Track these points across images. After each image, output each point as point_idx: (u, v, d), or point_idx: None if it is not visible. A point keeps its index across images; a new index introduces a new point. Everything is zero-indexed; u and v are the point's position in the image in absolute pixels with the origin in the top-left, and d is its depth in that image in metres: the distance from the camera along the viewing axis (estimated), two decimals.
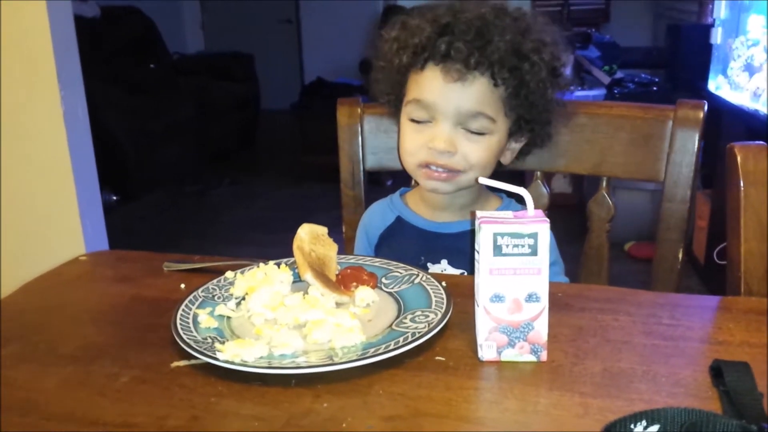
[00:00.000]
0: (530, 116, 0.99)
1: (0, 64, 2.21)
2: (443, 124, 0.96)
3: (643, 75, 3.99)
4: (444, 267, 1.04)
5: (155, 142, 4.43)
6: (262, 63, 5.83)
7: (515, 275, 0.67)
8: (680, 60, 4.08)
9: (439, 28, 0.95)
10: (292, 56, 6.58)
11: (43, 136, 2.28)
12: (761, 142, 0.88)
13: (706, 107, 1.07)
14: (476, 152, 0.97)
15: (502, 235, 0.67)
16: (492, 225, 0.67)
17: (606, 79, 3.86)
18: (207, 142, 4.91)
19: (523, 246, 0.67)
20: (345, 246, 1.23)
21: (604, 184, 1.14)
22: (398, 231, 1.09)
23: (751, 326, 0.75)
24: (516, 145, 1.05)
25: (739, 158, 0.85)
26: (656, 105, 1.11)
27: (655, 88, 3.74)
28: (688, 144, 1.06)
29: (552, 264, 1.03)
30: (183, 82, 5.02)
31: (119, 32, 4.91)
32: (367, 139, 1.22)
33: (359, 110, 1.21)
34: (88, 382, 0.67)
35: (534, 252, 0.67)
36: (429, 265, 1.04)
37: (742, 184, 0.84)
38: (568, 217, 1.22)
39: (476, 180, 0.99)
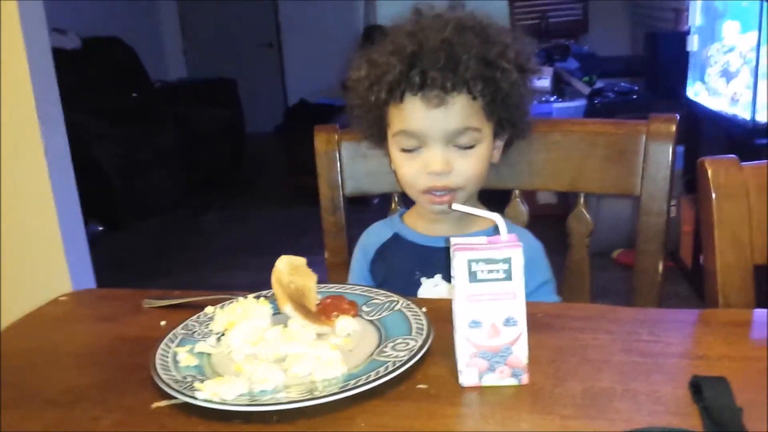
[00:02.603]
0: (510, 115, 1.01)
1: None
2: (434, 148, 0.98)
3: (622, 84, 4.04)
4: (437, 282, 1.04)
5: (141, 170, 4.43)
6: (245, 87, 5.85)
7: (491, 300, 0.68)
8: (658, 68, 4.13)
9: (407, 59, 0.95)
10: (275, 79, 6.60)
11: (24, 171, 2.27)
12: (732, 156, 0.89)
13: (677, 120, 1.08)
14: (471, 166, 0.99)
15: (477, 261, 0.67)
16: (466, 252, 0.67)
17: (586, 90, 3.90)
18: (193, 168, 4.90)
19: (497, 271, 0.67)
20: (327, 273, 1.23)
21: (582, 200, 1.14)
22: (394, 246, 1.10)
23: (730, 339, 0.75)
24: (500, 143, 1.06)
25: (710, 172, 0.86)
26: (629, 120, 1.12)
27: (634, 97, 3.78)
28: (662, 157, 1.07)
29: (545, 283, 1.05)
30: (166, 109, 5.02)
31: (101, 63, 4.92)
32: (345, 164, 1.22)
33: (336, 137, 1.22)
34: (70, 426, 0.66)
35: (509, 277, 0.67)
36: (423, 279, 1.05)
37: (714, 198, 0.85)
38: (555, 227, 1.23)
39: (475, 191, 1.04)
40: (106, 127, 4.36)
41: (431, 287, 1.03)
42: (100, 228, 4.09)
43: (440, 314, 0.82)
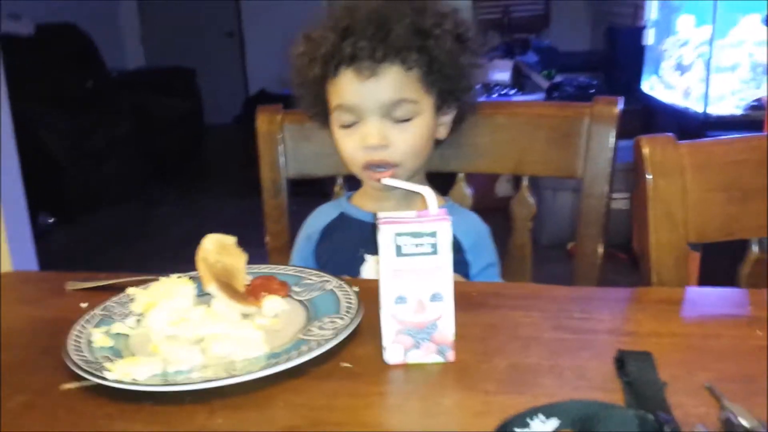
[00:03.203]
0: (450, 87, 1.00)
1: None
2: (370, 121, 0.97)
3: (581, 78, 4.07)
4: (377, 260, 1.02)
5: (94, 161, 4.33)
6: (204, 77, 5.75)
7: (417, 275, 0.66)
8: (616, 62, 4.18)
9: (340, 32, 0.95)
10: (236, 69, 6.51)
11: None
12: (669, 134, 0.88)
13: (621, 103, 1.07)
14: (408, 140, 0.98)
15: (402, 234, 0.65)
16: (392, 225, 0.65)
17: (545, 84, 3.92)
18: (149, 158, 4.81)
19: (423, 245, 0.65)
20: (269, 257, 1.20)
21: (525, 183, 1.14)
22: (339, 225, 1.09)
23: (661, 316, 0.75)
24: (446, 118, 1.04)
25: (646, 150, 0.85)
26: (573, 103, 1.12)
27: (592, 91, 3.81)
28: (605, 140, 1.07)
29: (490, 265, 1.04)
30: (123, 98, 4.91)
31: (55, 50, 4.79)
32: (288, 146, 1.19)
33: (279, 117, 1.19)
34: None
35: (435, 251, 0.65)
36: (367, 256, 1.03)
37: (649, 176, 0.84)
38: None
39: (417, 167, 1.01)
40: (59, 116, 4.25)
41: (375, 264, 1.01)
42: (51, 220, 3.99)
43: (374, 293, 0.80)
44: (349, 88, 0.96)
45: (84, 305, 0.81)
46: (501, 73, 3.74)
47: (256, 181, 1.23)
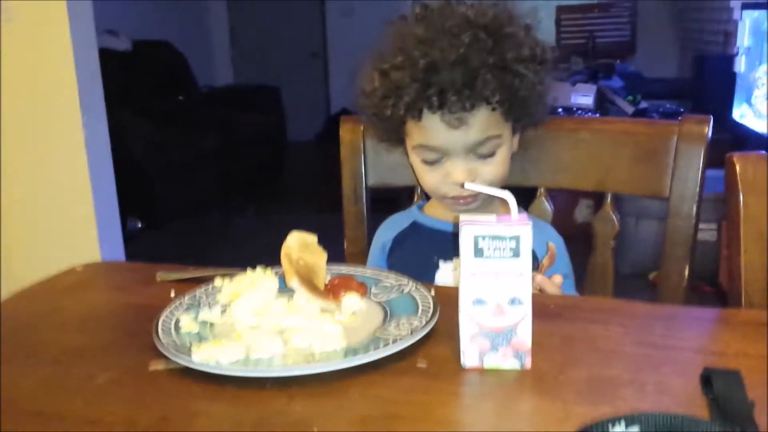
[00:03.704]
0: (530, 113, 1.00)
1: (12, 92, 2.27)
2: (456, 160, 0.97)
3: (668, 105, 3.96)
4: (455, 265, 1.02)
5: (181, 172, 4.49)
6: (289, 95, 5.91)
7: (497, 278, 0.66)
8: (705, 90, 4.05)
9: (421, 74, 0.92)
10: (319, 89, 6.66)
11: (64, 161, 2.33)
12: (761, 152, 0.85)
13: (711, 121, 1.05)
14: (493, 171, 0.98)
15: (483, 237, 0.65)
16: (473, 227, 0.66)
17: (630, 109, 3.84)
18: (232, 173, 4.96)
19: (504, 249, 0.65)
20: (346, 262, 1.22)
21: (609, 200, 1.11)
22: (412, 234, 1.10)
23: (749, 337, 0.72)
24: (518, 135, 1.04)
25: (738, 167, 0.83)
26: (660, 120, 1.10)
27: (679, 119, 3.70)
28: (693, 159, 1.04)
29: (565, 277, 1.02)
30: (210, 113, 5.10)
31: (150, 65, 5.04)
32: (369, 156, 1.21)
33: (362, 127, 1.22)
34: (64, 383, 0.67)
35: (516, 254, 0.65)
36: (441, 263, 1.03)
37: (741, 195, 0.82)
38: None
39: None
40: (151, 128, 4.45)
41: (449, 271, 1.01)
42: (139, 225, 4.17)
43: (452, 300, 0.80)
44: (435, 132, 0.96)
45: (173, 294, 0.85)
46: (584, 97, 3.69)
47: (335, 197, 1.25)
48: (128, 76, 4.60)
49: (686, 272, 1.05)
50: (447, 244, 1.02)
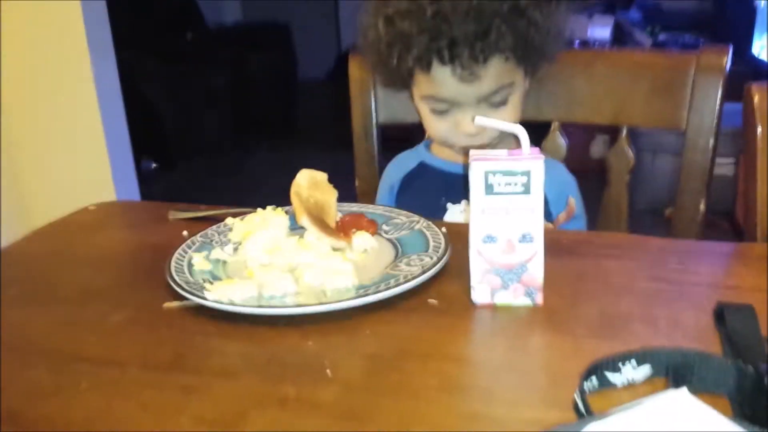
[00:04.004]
0: (543, 54, 0.96)
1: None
2: (466, 111, 0.94)
3: (687, 37, 3.85)
4: (463, 207, 1.02)
5: (192, 112, 4.47)
6: (299, 33, 5.80)
7: (507, 215, 0.65)
8: (725, 22, 3.92)
9: (430, 25, 0.87)
10: (329, 26, 6.53)
11: (75, 104, 2.31)
12: None
13: (731, 52, 1.01)
14: (506, 118, 0.94)
15: (494, 173, 0.64)
16: (483, 162, 0.64)
17: (648, 42, 3.74)
18: (244, 112, 4.93)
19: (516, 184, 0.64)
20: (357, 200, 1.21)
21: (624, 134, 1.09)
22: (420, 175, 1.08)
23: (764, 271, 0.71)
24: (529, 76, 1.00)
25: (756, 98, 0.80)
26: (678, 51, 1.06)
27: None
28: (711, 91, 1.01)
29: (577, 218, 1.01)
30: (220, 52, 5.03)
31: (157, 3, 4.95)
32: (379, 92, 1.19)
33: None
34: (80, 321, 0.67)
35: (527, 190, 0.64)
36: (449, 205, 1.03)
37: (758, 126, 0.80)
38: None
39: None
40: (160, 67, 4.40)
41: (457, 213, 1.00)
42: (154, 165, 4.19)
43: (462, 237, 0.80)
44: (446, 84, 0.92)
45: (185, 233, 0.85)
46: (601, 29, 3.59)
47: (346, 135, 1.24)
48: (135, 14, 4.53)
49: (702, 206, 1.04)
50: (455, 186, 1.00)
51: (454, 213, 1.01)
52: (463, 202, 1.00)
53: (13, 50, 2.27)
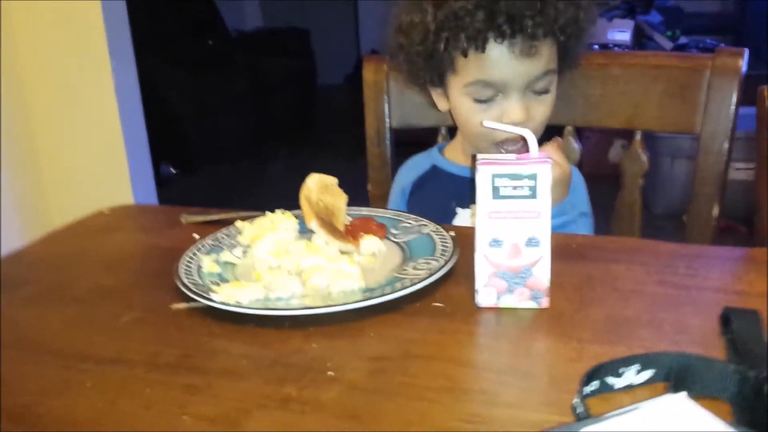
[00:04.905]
0: (578, 50, 0.97)
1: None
2: (512, 97, 0.92)
3: (708, 41, 3.81)
4: (473, 212, 1.01)
5: (212, 117, 4.51)
6: (318, 38, 5.84)
7: (514, 219, 0.65)
8: (747, 26, 3.88)
9: (487, 2, 0.87)
10: (349, 31, 6.56)
11: (95, 108, 2.34)
12: None
13: (746, 55, 1.00)
14: (545, 111, 0.95)
15: (501, 176, 0.64)
16: (490, 166, 0.65)
17: (668, 45, 3.71)
18: (263, 117, 4.96)
19: (522, 188, 0.64)
20: (370, 204, 1.22)
21: (638, 138, 1.09)
22: (431, 178, 1.08)
23: None
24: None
25: None
26: (693, 54, 1.06)
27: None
28: (726, 93, 1.00)
29: (584, 215, 1.00)
30: (240, 58, 5.07)
31: (179, 10, 5.00)
32: (393, 96, 1.20)
33: (386, 67, 1.20)
34: (89, 321, 0.68)
35: (534, 194, 0.64)
36: (458, 210, 1.02)
37: None
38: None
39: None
40: (181, 73, 4.45)
41: (467, 217, 1.00)
42: (173, 170, 4.23)
43: (470, 240, 0.80)
44: (499, 64, 0.90)
45: (196, 236, 0.86)
46: (621, 33, 3.56)
47: (364, 140, 1.23)
48: (157, 21, 4.58)
49: (715, 211, 1.03)
50: (464, 190, 1.00)
51: (462, 217, 1.01)
52: (473, 206, 1.00)
53: (36, 55, 2.31)
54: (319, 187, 0.84)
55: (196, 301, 0.68)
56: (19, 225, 2.31)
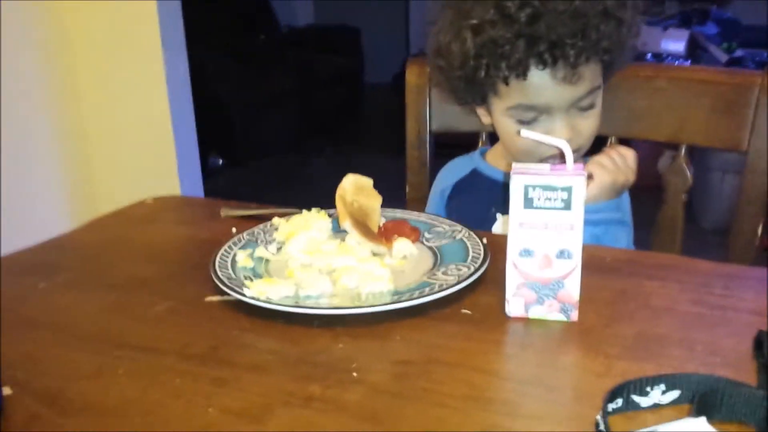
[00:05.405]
0: (624, 61, 0.95)
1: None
2: (556, 117, 0.91)
3: (765, 54, 3.71)
4: (505, 219, 1.01)
5: (260, 111, 4.57)
6: (368, 36, 5.86)
7: (546, 229, 0.64)
8: None
9: (526, 29, 0.85)
10: (399, 30, 6.57)
11: (145, 98, 2.40)
12: None
13: None
14: (592, 125, 0.94)
15: (534, 187, 0.64)
16: (523, 176, 0.64)
17: (723, 57, 3.61)
18: (310, 113, 5.00)
19: (555, 200, 0.64)
20: (407, 208, 1.22)
21: (683, 151, 1.07)
22: (472, 182, 1.08)
23: None
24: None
25: None
26: (742, 70, 1.03)
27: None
28: None
29: (622, 223, 0.97)
30: (290, 53, 5.13)
31: (231, 4, 5.08)
32: (434, 100, 1.20)
33: (429, 70, 1.20)
34: (125, 309, 0.71)
35: (567, 206, 0.64)
36: (498, 215, 1.02)
37: None
38: None
39: None
40: (232, 66, 4.52)
41: (505, 224, 1.00)
42: (220, 162, 4.30)
43: (504, 248, 0.79)
44: (541, 89, 0.89)
45: (234, 230, 0.87)
46: (675, 43, 3.49)
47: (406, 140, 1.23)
48: (210, 14, 4.66)
49: (759, 230, 1.00)
50: (504, 196, 0.99)
51: (501, 224, 1.00)
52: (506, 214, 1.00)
53: (89, 45, 2.37)
54: (354, 188, 0.85)
55: (228, 294, 0.69)
56: (69, 213, 2.38)
